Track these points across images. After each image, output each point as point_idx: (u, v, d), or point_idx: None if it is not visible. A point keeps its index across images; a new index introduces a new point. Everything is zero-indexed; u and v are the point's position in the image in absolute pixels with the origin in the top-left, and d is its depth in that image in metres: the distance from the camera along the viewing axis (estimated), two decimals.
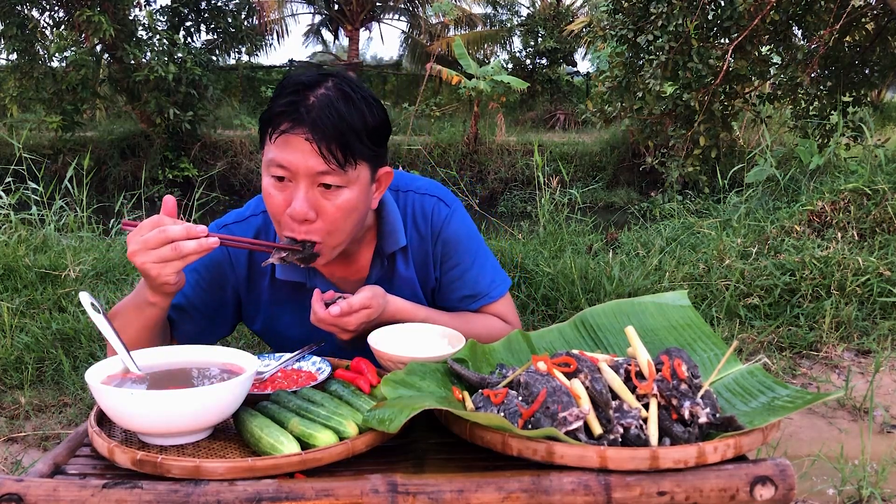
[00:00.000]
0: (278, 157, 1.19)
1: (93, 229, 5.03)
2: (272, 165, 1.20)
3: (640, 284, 3.98)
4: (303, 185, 1.20)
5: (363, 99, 1.22)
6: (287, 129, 1.17)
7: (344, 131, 1.18)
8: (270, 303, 1.43)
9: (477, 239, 1.50)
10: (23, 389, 3.02)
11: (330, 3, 20.63)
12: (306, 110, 1.17)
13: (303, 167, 1.18)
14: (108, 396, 0.95)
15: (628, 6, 7.43)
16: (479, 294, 1.48)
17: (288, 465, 0.90)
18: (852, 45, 7.68)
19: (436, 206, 1.44)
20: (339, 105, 1.18)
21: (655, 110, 7.35)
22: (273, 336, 1.49)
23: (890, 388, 3.11)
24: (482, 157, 12.72)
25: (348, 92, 1.20)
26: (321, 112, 1.16)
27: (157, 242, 1.10)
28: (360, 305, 1.25)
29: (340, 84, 1.21)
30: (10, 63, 11.82)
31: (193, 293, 1.39)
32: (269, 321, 1.45)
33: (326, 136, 1.16)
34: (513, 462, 0.92)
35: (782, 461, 0.90)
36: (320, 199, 1.21)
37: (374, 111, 1.23)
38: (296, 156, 1.18)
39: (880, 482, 2.28)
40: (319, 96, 1.18)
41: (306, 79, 1.20)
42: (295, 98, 1.18)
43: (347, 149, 1.18)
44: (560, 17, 18.40)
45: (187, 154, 12.40)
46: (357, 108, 1.20)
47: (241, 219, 1.43)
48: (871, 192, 4.68)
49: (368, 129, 1.21)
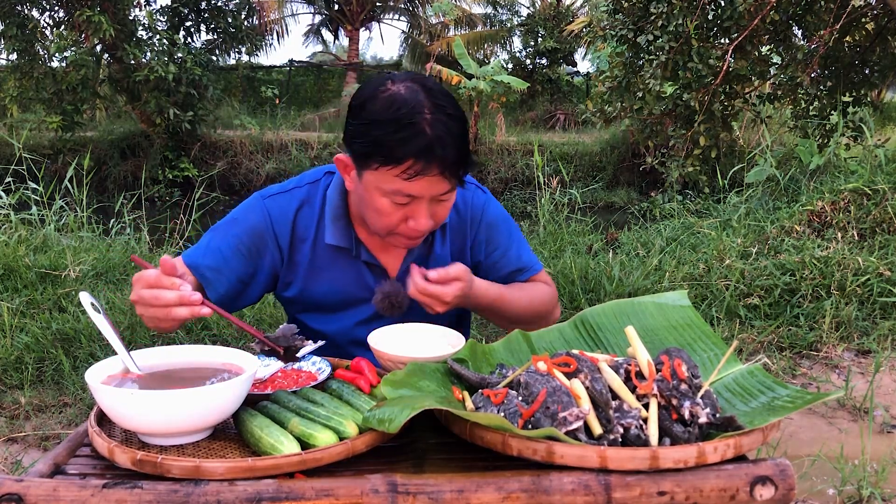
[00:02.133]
0: (407, 189, 1.25)
1: (93, 229, 5.03)
2: (398, 195, 1.26)
3: (640, 284, 3.98)
4: (426, 205, 1.28)
5: (455, 107, 1.27)
6: (421, 170, 1.22)
7: (465, 153, 1.26)
8: (310, 267, 1.47)
9: (510, 220, 1.61)
10: (23, 389, 3.02)
11: (330, 3, 20.63)
12: (435, 148, 1.21)
13: (430, 193, 1.26)
14: (108, 396, 0.95)
15: (628, 6, 7.43)
16: (524, 267, 1.59)
17: (288, 465, 0.90)
18: (852, 45, 7.67)
19: (475, 193, 1.54)
20: (453, 129, 1.23)
21: (655, 110, 7.34)
22: (305, 302, 1.52)
23: (890, 388, 3.11)
24: (482, 157, 12.71)
25: (450, 111, 1.24)
26: (445, 146, 1.22)
27: (151, 303, 1.13)
28: (454, 275, 1.32)
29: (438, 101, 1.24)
30: (10, 63, 11.81)
31: (233, 256, 1.42)
32: (306, 285, 1.49)
33: (456, 164, 1.24)
34: (513, 462, 0.92)
35: (782, 461, 0.90)
36: (435, 207, 1.31)
37: (461, 112, 1.28)
38: (425, 185, 1.25)
39: (880, 482, 2.28)
40: (433, 125, 1.21)
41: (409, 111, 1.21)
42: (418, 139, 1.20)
43: (466, 166, 1.27)
44: (560, 17, 18.40)
45: (187, 154, 12.39)
46: (459, 120, 1.26)
47: (286, 189, 1.48)
48: (871, 192, 4.68)
49: (467, 136, 1.28)
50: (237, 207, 1.49)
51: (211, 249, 1.42)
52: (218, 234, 1.44)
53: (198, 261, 1.42)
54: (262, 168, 12.40)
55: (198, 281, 1.42)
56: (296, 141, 12.77)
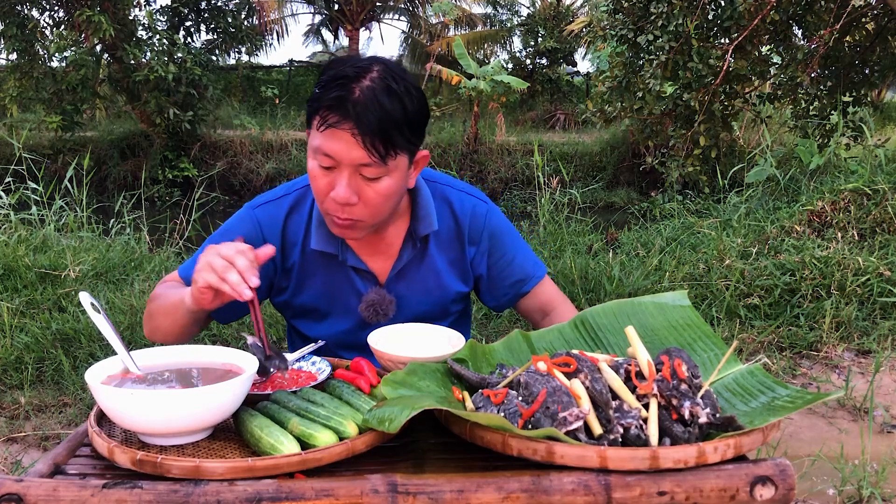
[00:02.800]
0: (325, 146, 1.24)
1: (93, 229, 5.03)
2: (319, 153, 1.26)
3: (640, 284, 3.98)
4: (346, 173, 1.26)
5: (406, 91, 1.25)
6: (334, 122, 1.22)
7: (386, 126, 1.22)
8: (300, 272, 1.48)
9: (514, 229, 1.60)
10: (23, 389, 3.02)
11: (330, 3, 20.63)
12: (352, 105, 1.21)
13: (347, 158, 1.24)
14: (108, 396, 0.95)
15: (628, 6, 7.43)
16: (527, 277, 1.57)
17: (288, 465, 0.90)
18: (852, 45, 7.67)
19: (477, 205, 1.52)
20: (382, 99, 1.22)
21: (655, 110, 7.34)
22: (298, 307, 1.52)
23: (890, 388, 3.11)
24: (482, 157, 12.71)
25: (391, 85, 1.24)
26: (366, 107, 1.21)
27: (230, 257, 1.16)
28: None
29: (385, 75, 1.24)
30: (10, 63, 11.81)
31: None
32: (297, 291, 1.49)
33: (370, 130, 1.21)
34: (513, 462, 0.92)
35: (782, 461, 0.90)
36: (362, 185, 1.28)
37: (414, 102, 1.27)
38: (341, 146, 1.23)
39: (880, 482, 2.28)
40: (365, 89, 1.22)
41: (351, 70, 1.24)
42: (341, 92, 1.21)
43: (389, 142, 1.24)
44: (560, 17, 18.39)
45: (187, 154, 12.39)
46: (399, 100, 1.24)
47: (275, 197, 1.49)
48: (871, 192, 4.68)
49: (409, 121, 1.26)
50: (229, 219, 1.50)
51: None
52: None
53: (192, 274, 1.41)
54: (262, 168, 12.40)
55: None
56: (296, 141, 12.77)
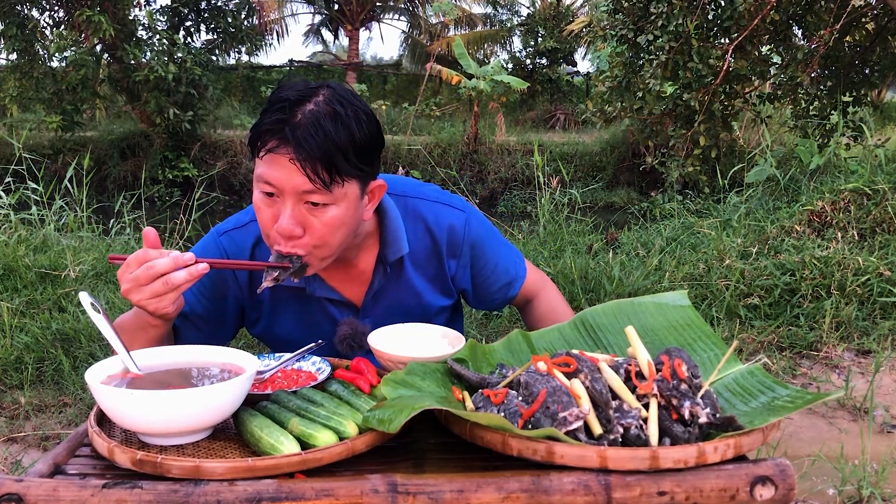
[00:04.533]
0: (265, 174, 1.18)
1: (93, 229, 5.03)
2: (260, 181, 1.20)
3: (640, 284, 3.98)
4: (289, 203, 1.19)
5: (353, 115, 1.19)
6: (273, 147, 1.15)
7: (329, 151, 1.15)
8: (271, 307, 1.44)
9: (494, 232, 1.56)
10: (23, 389, 3.02)
11: (330, 3, 20.64)
12: (291, 129, 1.14)
13: (289, 186, 1.17)
14: (108, 396, 0.95)
15: (628, 6, 7.43)
16: (512, 280, 1.55)
17: (288, 465, 0.90)
18: (852, 45, 7.67)
19: (453, 217, 1.45)
20: (325, 123, 1.15)
21: (655, 110, 7.34)
22: (272, 340, 1.50)
23: (890, 388, 3.11)
24: (482, 157, 12.72)
25: (337, 109, 1.17)
26: (306, 131, 1.14)
27: (147, 279, 1.11)
28: None
29: (330, 100, 1.18)
30: (10, 63, 11.82)
31: (196, 301, 1.39)
32: (270, 325, 1.46)
33: (311, 156, 1.14)
34: (513, 462, 0.92)
35: (782, 461, 0.90)
36: (307, 216, 1.20)
37: (363, 127, 1.20)
38: (282, 174, 1.16)
39: (880, 482, 2.28)
40: (307, 113, 1.15)
41: (294, 94, 1.17)
42: (282, 116, 1.15)
43: (333, 168, 1.16)
44: (560, 17, 18.41)
45: (187, 154, 12.40)
46: (345, 125, 1.17)
47: (241, 224, 1.43)
48: (871, 192, 4.68)
49: (356, 146, 1.18)
50: (194, 247, 1.44)
51: None
52: None
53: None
54: None
55: None
56: None
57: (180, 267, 1.12)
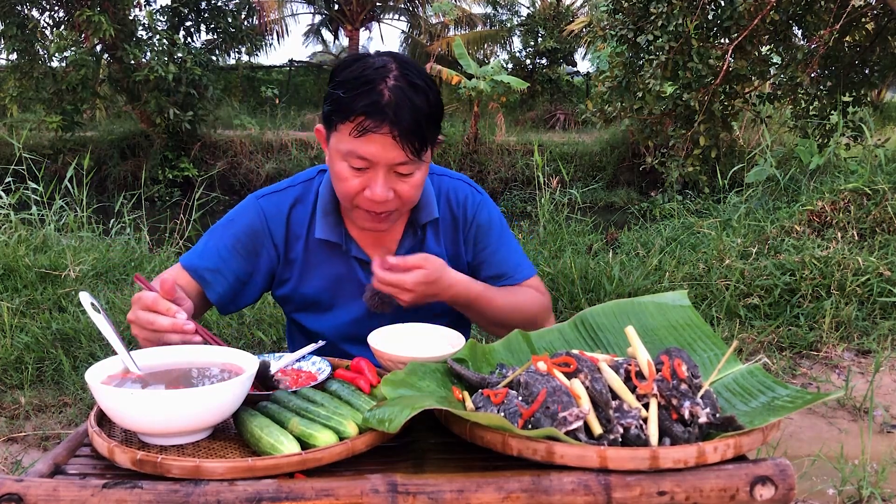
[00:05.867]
0: (360, 150, 1.25)
1: (93, 229, 5.03)
2: (352, 157, 1.27)
3: (640, 284, 3.98)
4: (381, 173, 1.27)
5: (427, 84, 1.27)
6: (372, 127, 1.22)
7: (421, 123, 1.25)
8: (304, 263, 1.48)
9: (504, 225, 1.60)
10: (23, 389, 3.02)
11: (330, 3, 20.63)
12: (387, 107, 1.22)
13: (384, 159, 1.25)
14: (108, 396, 0.95)
15: (628, 6, 7.43)
16: (504, 274, 1.56)
17: (288, 465, 0.90)
18: (852, 45, 7.67)
19: (470, 193, 1.54)
20: (412, 97, 1.24)
21: (655, 110, 7.35)
22: (299, 300, 1.52)
23: (890, 388, 3.11)
24: (482, 157, 12.71)
25: (414, 80, 1.25)
26: (399, 108, 1.22)
27: (146, 326, 1.17)
28: (414, 263, 1.30)
29: (406, 72, 1.26)
30: (10, 63, 11.82)
31: (231, 256, 1.45)
32: (299, 284, 1.50)
33: (409, 130, 1.23)
34: (513, 462, 0.92)
35: (782, 461, 0.90)
36: (396, 181, 1.30)
37: (436, 94, 1.29)
38: (377, 149, 1.24)
39: (880, 482, 2.28)
40: (393, 89, 1.23)
41: (373, 72, 1.24)
42: (373, 96, 1.22)
43: (423, 138, 1.26)
44: (560, 17, 18.40)
45: (187, 154, 12.39)
46: (425, 94, 1.26)
47: (279, 189, 1.50)
48: (871, 192, 4.68)
49: (435, 113, 1.28)
50: (233, 209, 1.50)
51: (209, 251, 1.44)
52: (215, 235, 1.46)
53: (196, 263, 1.43)
54: (262, 168, 12.41)
55: (197, 283, 1.43)
56: (296, 141, 12.78)
57: (177, 332, 1.16)
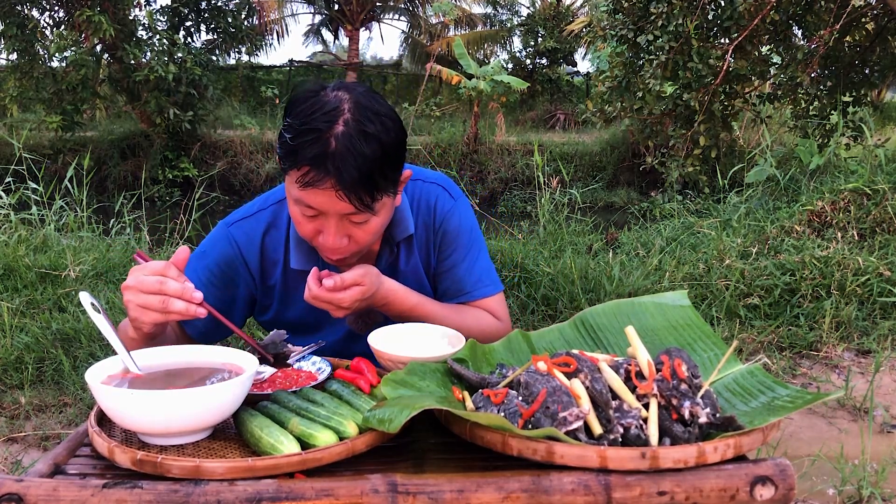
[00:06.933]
0: (307, 200, 1.19)
1: (93, 229, 5.03)
2: (300, 204, 1.20)
3: (640, 284, 3.98)
4: (333, 221, 1.21)
5: (381, 127, 1.18)
6: (313, 180, 1.15)
7: (368, 173, 1.15)
8: (283, 289, 1.45)
9: (473, 236, 1.50)
10: (23, 389, 3.02)
11: (330, 3, 20.63)
12: (331, 160, 1.13)
13: (332, 210, 1.19)
14: (108, 396, 0.95)
15: (628, 6, 7.43)
16: (460, 291, 1.48)
17: (288, 465, 0.90)
18: (852, 45, 7.67)
19: (440, 197, 1.46)
20: (359, 146, 1.14)
21: (655, 110, 7.35)
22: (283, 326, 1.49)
23: (890, 388, 3.11)
24: (482, 157, 12.72)
25: (365, 126, 1.16)
26: (344, 161, 1.13)
27: (150, 289, 1.11)
28: (351, 281, 1.25)
29: (356, 114, 1.16)
30: (10, 63, 11.82)
31: (206, 290, 1.39)
32: (281, 310, 1.47)
33: (353, 183, 1.15)
34: (513, 462, 0.92)
35: (782, 461, 0.90)
36: (351, 228, 1.24)
37: (391, 135, 1.19)
38: (324, 200, 1.17)
39: (880, 482, 2.28)
40: (340, 137, 1.14)
41: (322, 117, 1.15)
42: (317, 147, 1.14)
43: (374, 189, 1.18)
44: (560, 17, 18.41)
45: (187, 154, 12.40)
46: (377, 141, 1.16)
47: (250, 214, 1.44)
48: (871, 192, 4.68)
49: (390, 159, 1.19)
50: (205, 239, 1.45)
51: None
52: (188, 269, 1.39)
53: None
54: (262, 168, 12.41)
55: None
56: None
57: (185, 299, 1.12)
